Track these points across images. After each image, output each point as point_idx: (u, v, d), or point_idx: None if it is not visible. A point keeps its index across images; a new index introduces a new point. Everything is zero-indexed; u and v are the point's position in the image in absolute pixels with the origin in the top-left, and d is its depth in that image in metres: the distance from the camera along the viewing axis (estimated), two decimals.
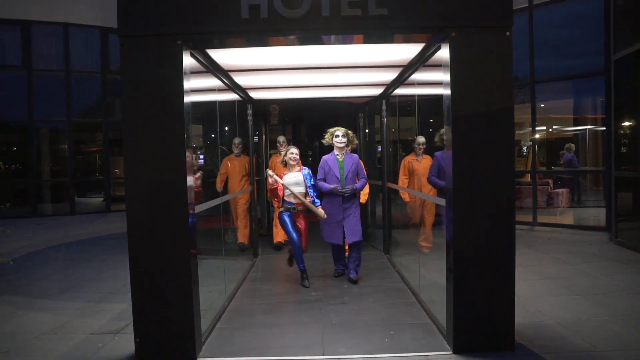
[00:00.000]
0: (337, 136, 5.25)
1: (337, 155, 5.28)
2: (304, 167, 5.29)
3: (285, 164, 5.35)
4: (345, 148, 5.33)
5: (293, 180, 5.17)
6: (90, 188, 14.17)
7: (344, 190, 5.16)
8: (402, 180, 6.30)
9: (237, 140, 6.96)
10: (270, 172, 5.10)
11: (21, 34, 12.12)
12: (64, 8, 12.31)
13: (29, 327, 4.07)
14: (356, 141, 5.56)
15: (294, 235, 5.11)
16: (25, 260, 6.94)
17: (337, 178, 5.20)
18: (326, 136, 5.35)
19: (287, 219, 5.14)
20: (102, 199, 13.39)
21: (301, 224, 5.24)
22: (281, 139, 7.20)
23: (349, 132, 5.34)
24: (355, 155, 5.38)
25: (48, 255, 7.30)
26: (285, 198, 5.18)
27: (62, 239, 8.79)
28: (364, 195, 6.35)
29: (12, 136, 13.42)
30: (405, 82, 5.07)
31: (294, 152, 5.30)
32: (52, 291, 5.19)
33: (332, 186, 5.17)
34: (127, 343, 3.57)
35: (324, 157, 5.35)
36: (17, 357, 3.48)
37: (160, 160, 3.26)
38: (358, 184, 5.27)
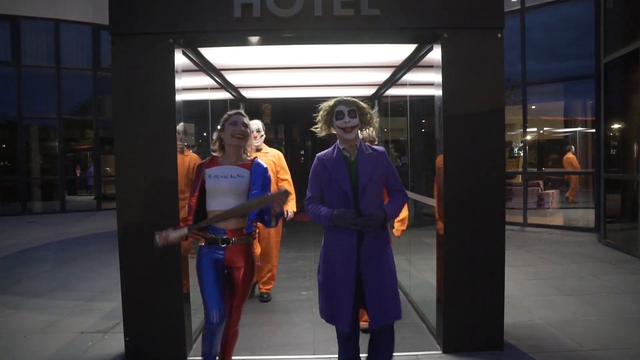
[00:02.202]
0: (340, 114, 2.58)
1: (345, 150, 2.64)
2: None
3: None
4: (360, 137, 2.70)
5: (227, 183, 2.62)
6: (81, 186, 14.08)
7: (360, 220, 2.45)
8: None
9: (181, 128, 3.52)
10: (160, 235, 2.52)
11: (10, 30, 11.99)
12: (55, 4, 12.20)
13: (18, 326, 4.04)
14: (376, 123, 2.84)
15: (212, 312, 2.58)
16: (14, 259, 6.88)
17: (347, 195, 2.54)
18: (319, 120, 2.69)
19: (208, 269, 2.62)
20: (92, 197, 13.31)
21: (239, 273, 2.66)
22: (254, 126, 4.33)
23: (363, 104, 2.67)
24: (381, 149, 2.69)
25: (38, 254, 7.23)
26: (213, 223, 2.60)
27: (52, 237, 8.72)
28: (400, 224, 3.79)
29: (1, 133, 13.29)
30: (398, 83, 5.08)
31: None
32: (42, 290, 5.15)
33: (335, 212, 2.48)
34: (117, 342, 3.55)
35: (319, 156, 2.70)
36: (6, 357, 3.45)
37: (151, 159, 3.25)
38: (390, 205, 2.61)
